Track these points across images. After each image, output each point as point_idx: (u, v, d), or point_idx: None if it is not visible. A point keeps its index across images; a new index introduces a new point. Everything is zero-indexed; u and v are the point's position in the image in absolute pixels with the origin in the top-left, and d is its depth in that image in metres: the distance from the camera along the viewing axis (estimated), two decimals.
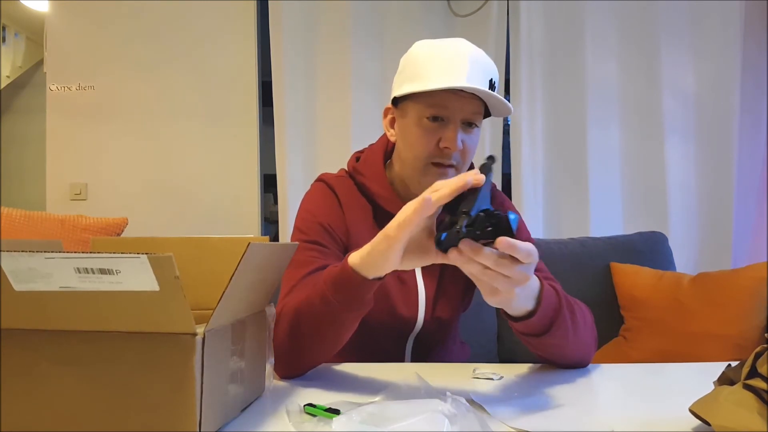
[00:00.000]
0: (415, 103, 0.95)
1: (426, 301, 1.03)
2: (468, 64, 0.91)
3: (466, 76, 0.90)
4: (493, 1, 2.50)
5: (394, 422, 0.58)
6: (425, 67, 0.94)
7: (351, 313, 0.80)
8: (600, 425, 0.66)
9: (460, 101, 0.92)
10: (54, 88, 2.67)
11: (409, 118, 0.97)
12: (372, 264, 0.75)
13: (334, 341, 0.84)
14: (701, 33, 2.45)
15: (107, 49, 2.67)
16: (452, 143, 0.93)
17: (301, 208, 1.05)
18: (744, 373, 0.57)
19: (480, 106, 0.95)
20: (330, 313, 0.79)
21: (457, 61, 0.92)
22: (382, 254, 0.73)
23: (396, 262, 0.73)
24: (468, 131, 0.96)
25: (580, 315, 0.89)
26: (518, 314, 0.80)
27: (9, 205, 2.15)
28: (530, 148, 2.51)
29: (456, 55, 0.92)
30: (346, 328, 0.82)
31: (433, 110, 0.93)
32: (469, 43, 0.96)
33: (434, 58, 0.94)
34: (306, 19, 2.52)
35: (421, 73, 0.94)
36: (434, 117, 0.94)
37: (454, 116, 0.93)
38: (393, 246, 0.71)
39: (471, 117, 0.95)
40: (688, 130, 2.48)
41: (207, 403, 0.57)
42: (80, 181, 2.68)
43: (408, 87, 0.95)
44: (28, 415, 0.56)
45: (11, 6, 3.11)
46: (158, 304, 0.53)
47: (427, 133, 0.94)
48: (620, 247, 2.00)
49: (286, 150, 2.49)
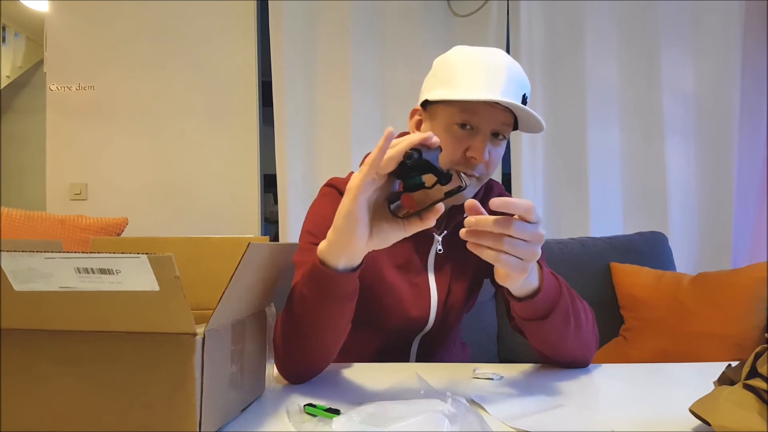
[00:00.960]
0: (446, 107, 0.93)
1: (437, 304, 1.03)
2: (504, 77, 0.90)
3: (501, 89, 0.89)
4: (493, 1, 2.50)
5: (394, 422, 0.58)
6: (462, 73, 0.92)
7: (331, 308, 0.76)
8: (600, 425, 0.66)
9: (492, 111, 0.91)
10: (54, 88, 2.67)
11: (438, 122, 0.95)
12: (337, 242, 0.71)
13: (326, 340, 0.81)
14: (701, 33, 2.45)
15: (107, 49, 2.67)
16: (480, 154, 0.91)
17: (310, 212, 1.04)
18: (744, 373, 0.57)
19: (510, 118, 0.93)
20: (309, 311, 0.77)
21: (494, 73, 0.90)
22: (346, 219, 0.69)
23: (363, 231, 0.70)
24: (496, 143, 0.94)
25: (581, 307, 0.89)
26: (525, 293, 0.81)
27: (9, 205, 2.14)
28: (530, 148, 2.51)
29: (493, 66, 0.91)
30: (333, 325, 0.79)
31: (464, 116, 0.91)
32: (507, 56, 0.94)
33: (471, 65, 0.92)
34: (306, 19, 2.52)
35: (456, 79, 0.92)
36: (464, 124, 0.92)
37: (484, 126, 0.91)
38: (355, 197, 0.68)
39: (501, 128, 0.93)
40: (688, 130, 2.48)
41: (207, 403, 0.57)
42: (80, 181, 2.68)
43: (441, 92, 0.93)
44: (28, 415, 0.56)
45: (11, 6, 3.11)
46: (158, 304, 0.53)
47: (455, 139, 0.92)
48: (620, 247, 2.00)
49: (286, 150, 2.49)
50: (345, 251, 0.72)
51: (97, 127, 2.68)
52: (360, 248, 0.71)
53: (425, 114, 0.99)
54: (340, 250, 0.72)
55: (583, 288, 1.86)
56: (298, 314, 0.79)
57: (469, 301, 1.10)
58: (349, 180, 0.76)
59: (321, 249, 0.74)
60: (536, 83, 2.50)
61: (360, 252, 0.72)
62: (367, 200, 0.69)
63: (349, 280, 0.74)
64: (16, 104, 3.70)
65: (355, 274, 0.75)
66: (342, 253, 0.72)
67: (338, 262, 0.73)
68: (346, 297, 0.76)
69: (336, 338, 0.81)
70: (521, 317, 0.85)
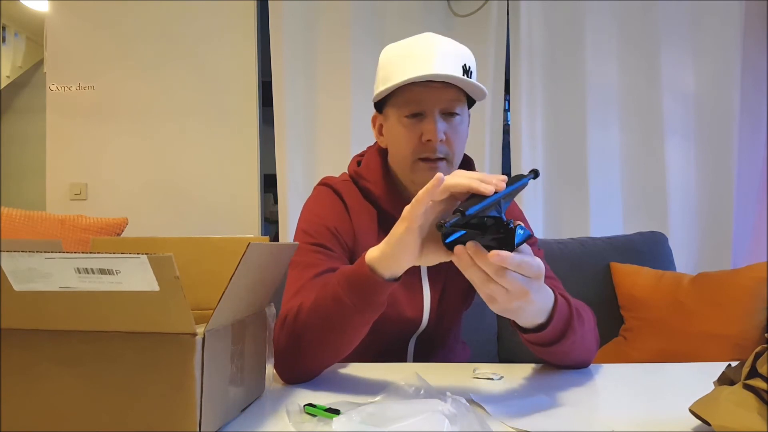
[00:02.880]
0: (392, 105, 0.97)
1: (431, 303, 1.03)
2: (435, 54, 0.92)
3: (432, 66, 0.91)
4: (493, 1, 2.50)
5: (394, 422, 0.58)
6: (395, 66, 0.95)
7: (364, 316, 0.78)
8: (600, 425, 0.66)
9: (433, 92, 0.93)
10: (54, 88, 2.67)
11: (391, 120, 0.99)
12: (391, 255, 0.74)
13: (343, 346, 0.82)
14: (701, 33, 2.45)
15: (107, 49, 2.67)
16: (432, 134, 0.93)
17: (305, 211, 1.05)
18: (744, 373, 0.57)
19: (457, 93, 0.95)
20: (342, 315, 0.78)
21: (424, 53, 0.93)
22: (400, 240, 0.72)
23: (415, 251, 0.73)
24: (449, 120, 0.96)
25: (587, 321, 0.88)
26: (528, 326, 0.79)
27: (9, 205, 2.14)
28: (530, 148, 2.50)
29: (422, 47, 0.94)
30: (356, 332, 0.81)
31: (409, 107, 0.95)
32: (436, 35, 0.96)
33: (401, 56, 0.95)
34: (306, 19, 2.52)
35: (392, 73, 0.95)
36: (412, 114, 0.95)
37: (430, 108, 0.94)
38: (410, 228, 0.71)
39: (448, 106, 0.95)
40: (688, 130, 2.48)
41: (207, 403, 0.57)
42: (80, 181, 2.68)
43: (381, 89, 0.97)
44: (28, 415, 0.56)
45: (11, 6, 3.11)
46: (158, 304, 0.53)
47: (408, 130, 0.95)
48: (620, 247, 2.00)
49: (286, 150, 2.49)
50: (397, 263, 0.75)
51: (97, 127, 2.68)
52: (410, 263, 0.75)
53: (381, 117, 1.03)
54: (392, 261, 0.75)
55: (583, 288, 1.87)
56: (328, 316, 0.79)
57: (467, 300, 1.10)
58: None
59: (372, 257, 0.76)
60: (536, 83, 2.50)
61: (407, 266, 0.75)
62: (419, 226, 0.71)
63: (388, 288, 0.77)
64: (16, 104, 3.70)
65: (395, 285, 0.77)
66: (393, 263, 0.75)
67: (386, 272, 0.75)
68: (381, 305, 0.79)
69: (352, 346, 0.83)
70: (527, 340, 0.83)
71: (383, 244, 0.75)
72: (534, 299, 0.70)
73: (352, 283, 0.77)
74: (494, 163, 2.53)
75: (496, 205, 0.67)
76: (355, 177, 1.06)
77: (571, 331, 0.82)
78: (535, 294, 0.70)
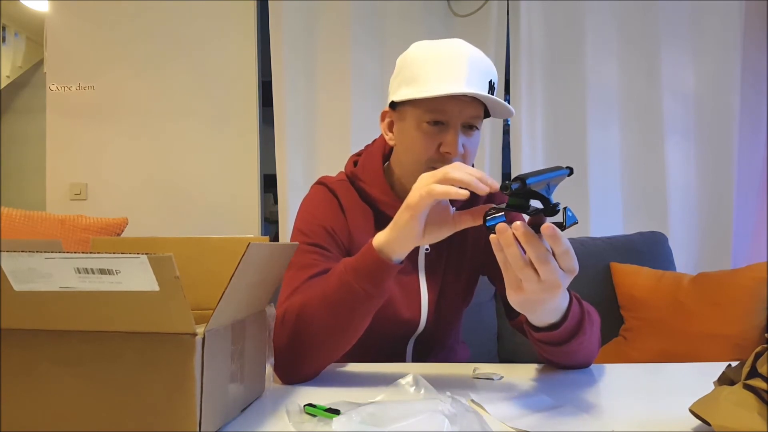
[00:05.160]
0: (414, 107, 0.94)
1: (428, 304, 1.03)
2: (467, 67, 0.90)
3: (465, 80, 0.89)
4: (493, 1, 2.50)
5: (394, 422, 0.58)
6: (424, 70, 0.92)
7: (372, 301, 0.81)
8: (600, 425, 0.66)
9: (460, 105, 0.91)
10: (54, 88, 2.67)
11: (408, 121, 0.95)
12: (396, 240, 0.79)
13: (345, 338, 0.84)
14: (701, 33, 2.45)
15: (107, 49, 2.67)
16: (453, 148, 0.92)
17: (302, 210, 1.04)
18: (744, 373, 0.57)
19: (480, 108, 0.94)
20: (351, 301, 0.80)
21: (456, 64, 0.90)
22: (406, 226, 0.77)
23: (419, 234, 0.78)
24: (468, 134, 0.95)
25: (595, 323, 0.89)
26: (540, 324, 0.80)
27: (9, 205, 2.14)
28: (530, 148, 2.50)
29: (455, 58, 0.91)
30: (361, 323, 0.83)
31: (432, 115, 0.92)
32: (468, 44, 0.94)
33: (432, 60, 0.92)
34: (306, 19, 2.52)
35: (419, 76, 0.92)
36: (434, 121, 0.93)
37: (454, 120, 0.92)
38: (414, 215, 0.76)
39: (471, 120, 0.94)
40: (688, 130, 2.48)
41: (207, 403, 0.57)
42: (80, 181, 2.68)
43: (406, 92, 0.94)
44: (28, 415, 0.56)
45: (11, 6, 3.11)
46: (158, 304, 0.53)
47: (427, 137, 0.93)
48: (620, 247, 2.00)
49: (286, 150, 2.49)
50: (402, 246, 0.80)
51: (97, 127, 2.68)
52: (416, 241, 0.80)
53: (395, 115, 1.00)
54: (398, 245, 0.79)
55: (583, 288, 1.85)
56: (334, 307, 0.81)
57: (466, 299, 1.09)
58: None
59: (379, 241, 0.80)
60: (536, 83, 2.50)
61: (412, 248, 0.81)
62: (422, 213, 0.77)
63: (395, 271, 0.81)
64: (16, 104, 3.70)
65: (399, 266, 0.81)
66: (399, 246, 0.80)
67: (393, 255, 0.80)
68: (386, 291, 0.82)
69: (354, 338, 0.85)
70: (536, 339, 0.83)
71: (388, 230, 0.80)
72: (559, 295, 0.71)
73: (360, 269, 0.80)
74: (494, 163, 2.53)
75: (545, 184, 0.67)
76: (351, 177, 1.06)
77: (581, 332, 0.82)
78: (563, 291, 0.70)
